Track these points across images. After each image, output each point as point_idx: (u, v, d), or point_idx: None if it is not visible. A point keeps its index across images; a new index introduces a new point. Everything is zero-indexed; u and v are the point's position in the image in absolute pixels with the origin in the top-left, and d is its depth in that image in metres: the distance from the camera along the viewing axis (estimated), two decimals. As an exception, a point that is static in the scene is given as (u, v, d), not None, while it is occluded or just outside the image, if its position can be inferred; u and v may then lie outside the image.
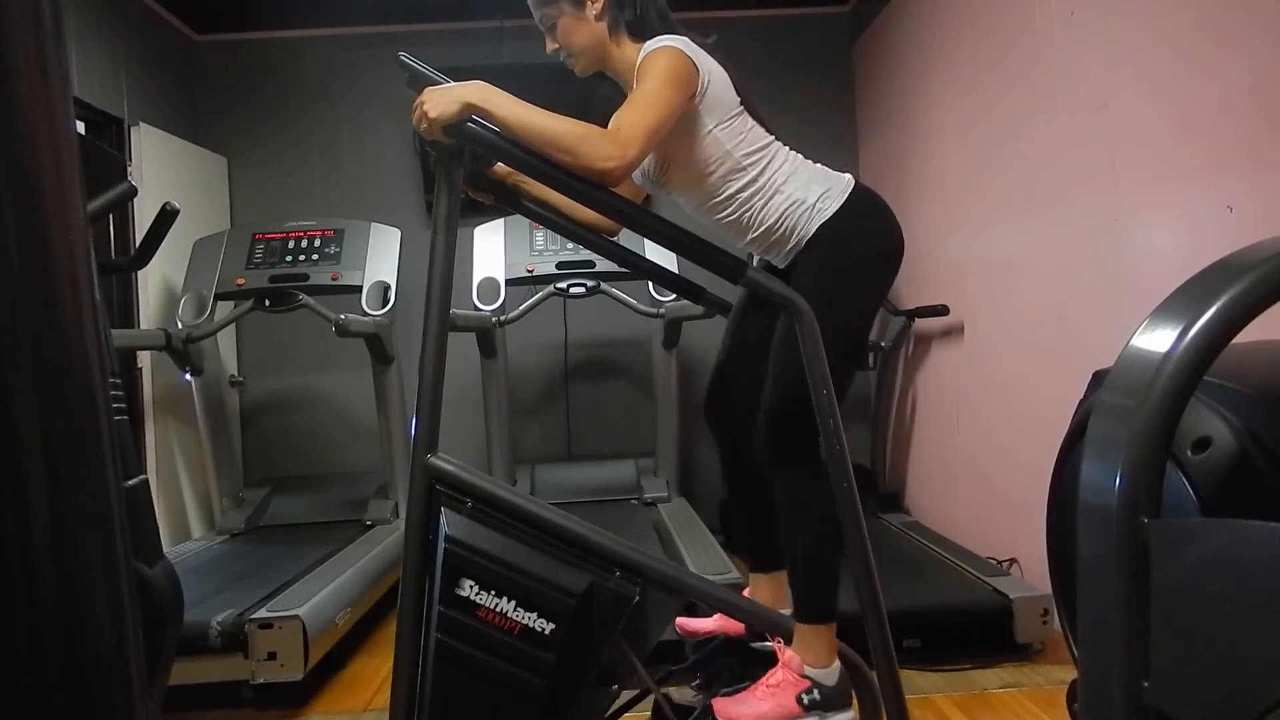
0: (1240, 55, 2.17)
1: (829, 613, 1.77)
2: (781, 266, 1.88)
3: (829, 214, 1.79)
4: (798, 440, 1.74)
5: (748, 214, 1.83)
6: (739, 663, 1.92)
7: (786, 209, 1.80)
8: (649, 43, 1.76)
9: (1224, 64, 2.22)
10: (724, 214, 1.85)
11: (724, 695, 1.78)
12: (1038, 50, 3.07)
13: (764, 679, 1.74)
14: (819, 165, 1.89)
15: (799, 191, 1.81)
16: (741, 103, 1.82)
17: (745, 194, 1.81)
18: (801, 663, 1.73)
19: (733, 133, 1.79)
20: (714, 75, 1.77)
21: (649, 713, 1.80)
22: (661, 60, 1.70)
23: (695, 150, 1.79)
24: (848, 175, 1.87)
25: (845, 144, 4.98)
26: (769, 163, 1.82)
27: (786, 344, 1.74)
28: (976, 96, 3.58)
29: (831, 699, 1.72)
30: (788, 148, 1.88)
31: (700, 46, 1.79)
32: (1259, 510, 0.92)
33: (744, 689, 1.77)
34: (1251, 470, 1.05)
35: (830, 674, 1.74)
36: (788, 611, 1.93)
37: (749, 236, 1.86)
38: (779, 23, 4.98)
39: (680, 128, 1.74)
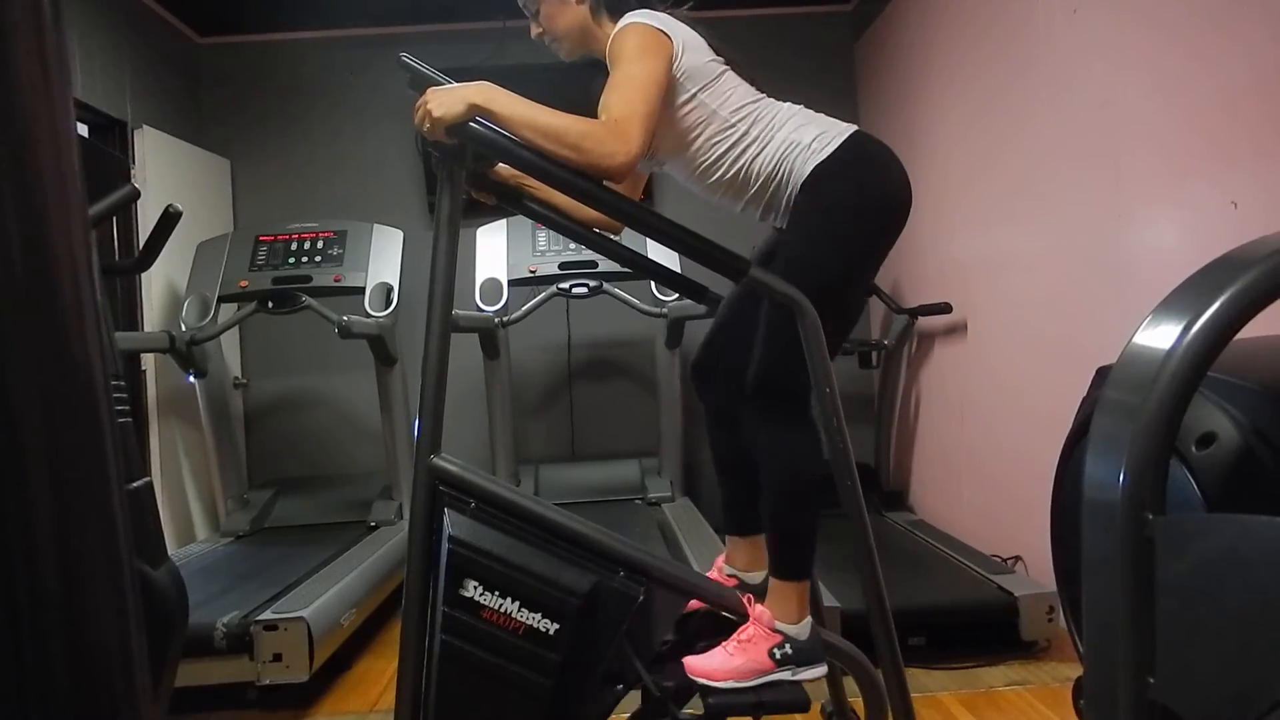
0: (1243, 49, 2.16)
1: (802, 571, 1.76)
2: (783, 225, 1.83)
3: (825, 154, 1.73)
4: (779, 405, 1.75)
5: (743, 169, 1.78)
6: (723, 635, 1.90)
7: (782, 152, 1.75)
8: (617, 24, 1.75)
9: (1227, 59, 2.21)
10: (718, 175, 1.80)
11: (695, 653, 1.77)
12: (1039, 47, 3.07)
13: (735, 634, 1.72)
14: (819, 113, 1.83)
15: (795, 134, 1.76)
16: (726, 63, 1.80)
17: (738, 149, 1.77)
18: (773, 618, 1.72)
19: (716, 94, 1.77)
20: (687, 42, 1.75)
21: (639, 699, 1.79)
22: (631, 38, 1.69)
23: (678, 116, 1.77)
24: (852, 124, 1.80)
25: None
26: (759, 115, 1.78)
27: (773, 314, 1.73)
28: (979, 94, 3.57)
29: (803, 654, 1.71)
30: (784, 102, 1.84)
31: (674, 17, 1.77)
32: (1264, 506, 0.92)
33: (715, 645, 1.76)
34: (1256, 466, 1.05)
35: (802, 629, 1.73)
36: (762, 574, 1.92)
37: (748, 194, 1.81)
38: (782, 20, 4.97)
39: (663, 99, 1.71)
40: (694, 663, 1.73)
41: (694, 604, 1.92)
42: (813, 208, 1.75)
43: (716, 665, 1.71)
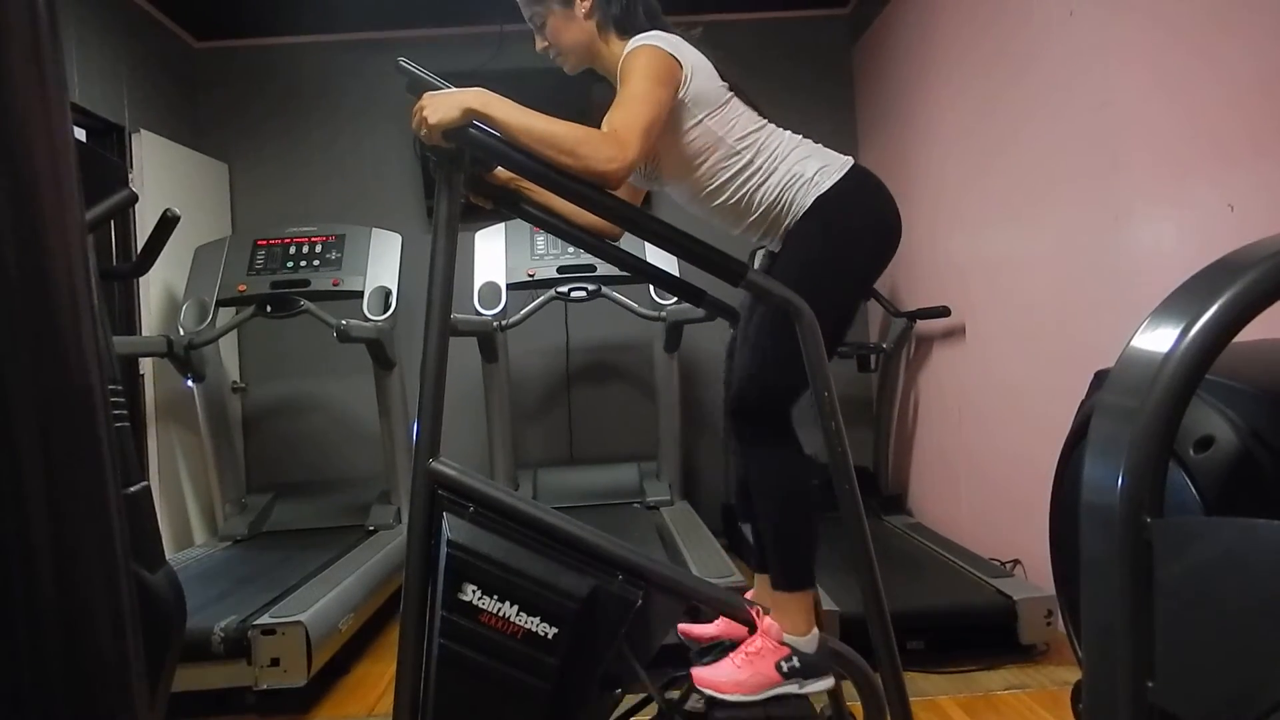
0: (1242, 50, 2.17)
1: (804, 581, 1.77)
2: (778, 250, 1.88)
3: (825, 187, 1.78)
4: (761, 417, 1.76)
5: (745, 197, 1.82)
6: None
7: (785, 184, 1.80)
8: (629, 43, 1.77)
9: (1225, 60, 2.22)
10: (720, 200, 1.84)
11: (703, 664, 1.77)
12: (1037, 48, 3.08)
13: (743, 646, 1.73)
14: (818, 144, 1.88)
15: (797, 166, 1.80)
16: (731, 89, 1.82)
17: (742, 178, 1.81)
18: (780, 630, 1.72)
19: (723, 120, 1.79)
20: (697, 67, 1.77)
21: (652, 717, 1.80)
22: (641, 59, 1.71)
23: (685, 142, 1.79)
24: (848, 157, 1.87)
25: (845, 145, 4.90)
26: (763, 144, 1.81)
27: (759, 326, 1.77)
28: (976, 97, 3.58)
29: (810, 667, 1.72)
30: (785, 130, 1.87)
31: (686, 39, 1.79)
32: (1262, 509, 0.92)
33: (722, 656, 1.76)
34: (1255, 469, 1.05)
35: (809, 642, 1.74)
36: None
37: (748, 220, 1.85)
38: (780, 24, 4.98)
39: (668, 122, 1.74)
40: (702, 674, 1.73)
41: (715, 632, 1.93)
42: (808, 233, 1.80)
43: (724, 678, 1.71)
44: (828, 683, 1.75)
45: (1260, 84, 2.11)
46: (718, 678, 1.71)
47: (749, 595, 2.05)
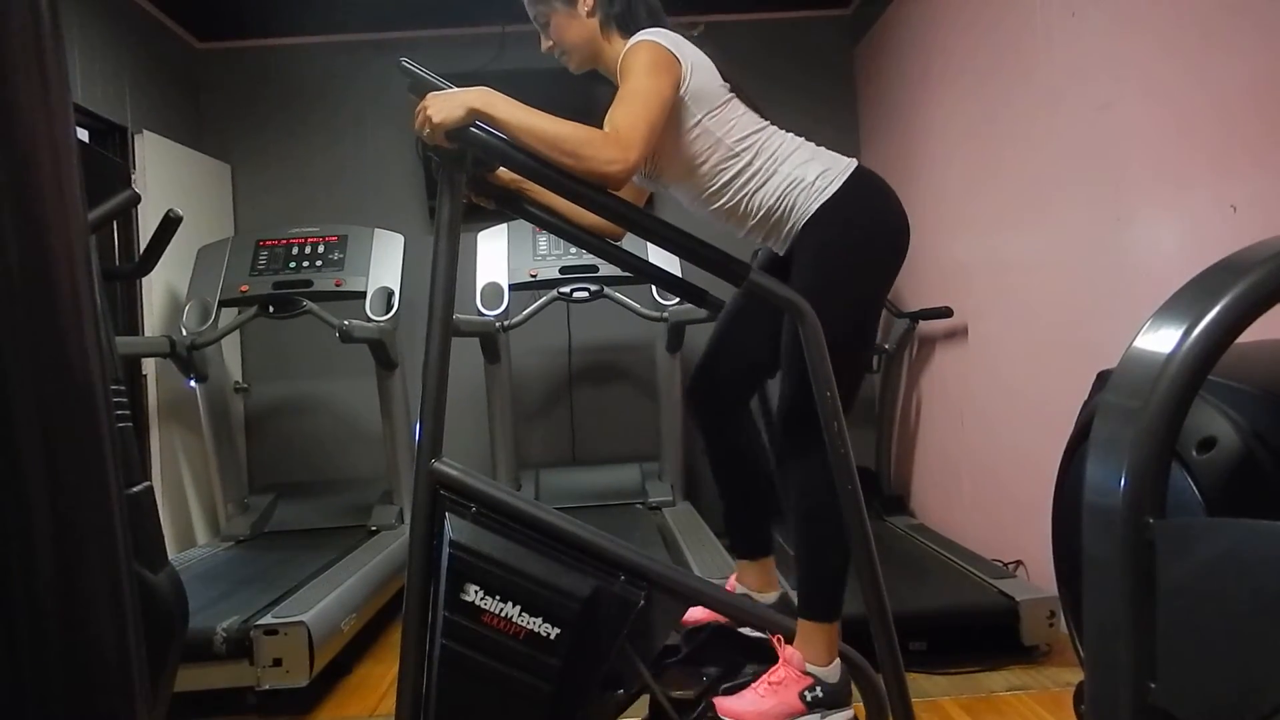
0: (1242, 54, 2.16)
1: (834, 611, 1.76)
2: (782, 253, 1.87)
3: (829, 193, 1.77)
4: (808, 439, 1.74)
5: (745, 199, 1.80)
6: (732, 650, 1.91)
7: (785, 188, 1.78)
8: (630, 39, 1.77)
9: (1226, 63, 2.22)
10: (721, 202, 1.83)
11: (724, 692, 1.77)
12: (1038, 52, 3.07)
13: (765, 676, 1.73)
14: (821, 147, 1.86)
15: (798, 170, 1.79)
16: (731, 89, 1.82)
17: (741, 179, 1.79)
18: (803, 660, 1.72)
19: (721, 121, 1.79)
20: (696, 65, 1.77)
21: (646, 709, 1.79)
22: (641, 55, 1.71)
23: (684, 142, 1.79)
24: (852, 159, 1.85)
25: (847, 146, 4.88)
26: (763, 146, 1.80)
27: (795, 342, 1.74)
28: (978, 98, 3.58)
29: (833, 696, 1.72)
30: (787, 131, 1.86)
31: (687, 38, 1.79)
32: (1265, 510, 0.92)
33: (745, 684, 1.76)
34: (1257, 470, 1.05)
35: (832, 671, 1.74)
36: (774, 594, 1.93)
37: (749, 224, 1.84)
38: (781, 25, 4.98)
39: (668, 122, 1.73)
40: (725, 704, 1.73)
41: (703, 616, 1.93)
42: (819, 248, 1.78)
43: (747, 707, 1.71)
44: (848, 712, 1.74)
45: (1252, 86, 2.11)
46: (741, 707, 1.72)
47: (732, 581, 2.03)
